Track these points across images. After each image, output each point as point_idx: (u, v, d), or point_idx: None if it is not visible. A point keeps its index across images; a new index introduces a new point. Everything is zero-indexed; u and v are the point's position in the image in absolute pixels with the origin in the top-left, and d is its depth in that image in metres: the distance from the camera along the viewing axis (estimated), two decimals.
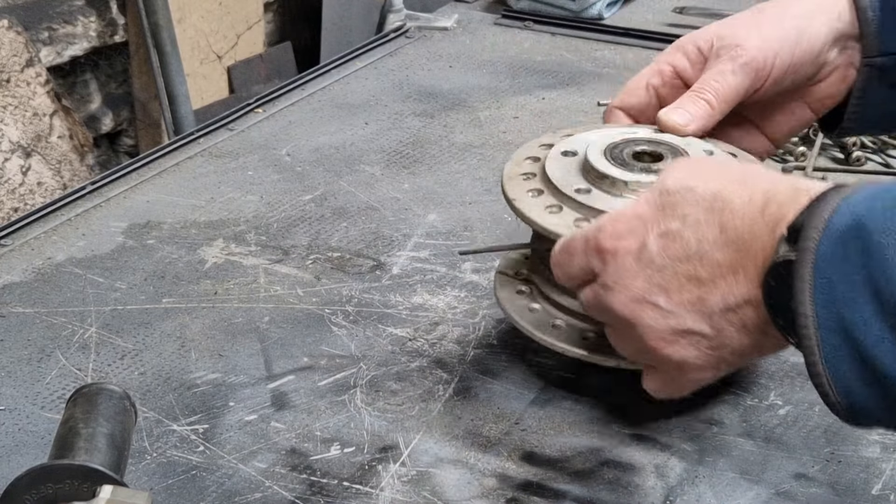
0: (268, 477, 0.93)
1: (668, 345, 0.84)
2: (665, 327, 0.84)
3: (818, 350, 0.74)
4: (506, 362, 1.06)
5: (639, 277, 0.84)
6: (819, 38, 1.03)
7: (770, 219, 0.78)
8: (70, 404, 0.88)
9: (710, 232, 0.81)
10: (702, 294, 0.82)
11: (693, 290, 0.82)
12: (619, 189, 0.96)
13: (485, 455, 0.95)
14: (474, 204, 1.33)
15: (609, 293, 0.86)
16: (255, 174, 1.41)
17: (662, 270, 0.83)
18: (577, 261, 0.89)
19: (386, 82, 1.66)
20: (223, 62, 3.08)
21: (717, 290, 0.81)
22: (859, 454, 0.95)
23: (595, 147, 1.00)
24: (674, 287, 0.82)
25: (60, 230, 1.29)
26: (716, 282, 0.81)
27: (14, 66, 2.48)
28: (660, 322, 0.84)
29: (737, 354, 0.84)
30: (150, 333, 1.11)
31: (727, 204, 0.80)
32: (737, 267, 0.80)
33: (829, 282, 0.73)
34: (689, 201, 0.82)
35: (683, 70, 1.05)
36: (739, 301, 0.80)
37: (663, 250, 0.83)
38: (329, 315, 1.14)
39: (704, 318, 0.82)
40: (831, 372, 0.74)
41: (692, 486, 0.92)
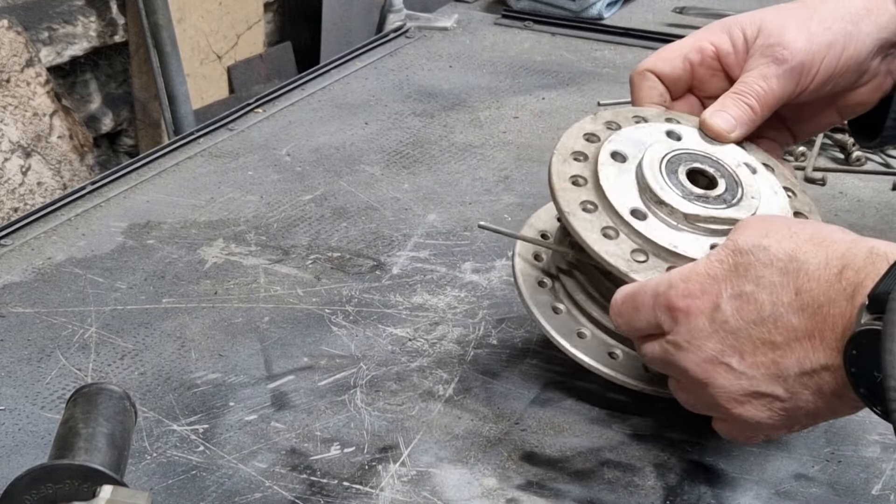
0: (268, 477, 0.93)
1: (740, 405, 0.84)
2: (738, 389, 0.83)
3: None
4: (506, 362, 1.06)
5: (712, 339, 0.83)
6: (866, 46, 1.01)
7: (847, 284, 0.77)
8: (70, 404, 0.88)
9: (786, 295, 0.79)
10: (776, 358, 0.81)
11: (768, 353, 0.81)
12: (677, 219, 0.94)
13: (485, 455, 0.95)
14: (474, 204, 1.33)
15: (681, 352, 0.85)
16: (255, 174, 1.41)
17: (736, 333, 0.82)
18: (644, 315, 0.87)
19: (386, 82, 1.66)
20: (223, 62, 3.08)
21: (793, 354, 0.80)
22: (859, 454, 0.95)
23: (649, 160, 0.97)
24: (748, 349, 0.81)
25: (60, 230, 1.29)
26: (791, 346, 0.80)
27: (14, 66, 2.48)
28: (733, 383, 0.83)
29: (810, 417, 0.83)
30: (150, 333, 1.11)
31: (802, 266, 0.79)
32: (813, 332, 0.79)
33: None
34: (762, 262, 0.81)
35: (726, 54, 1.03)
36: (816, 367, 0.79)
37: (737, 312, 0.81)
38: (329, 315, 1.14)
39: (779, 382, 0.81)
40: None
41: (692, 486, 0.92)
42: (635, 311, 0.88)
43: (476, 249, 1.24)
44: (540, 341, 1.09)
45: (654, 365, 0.89)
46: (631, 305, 0.88)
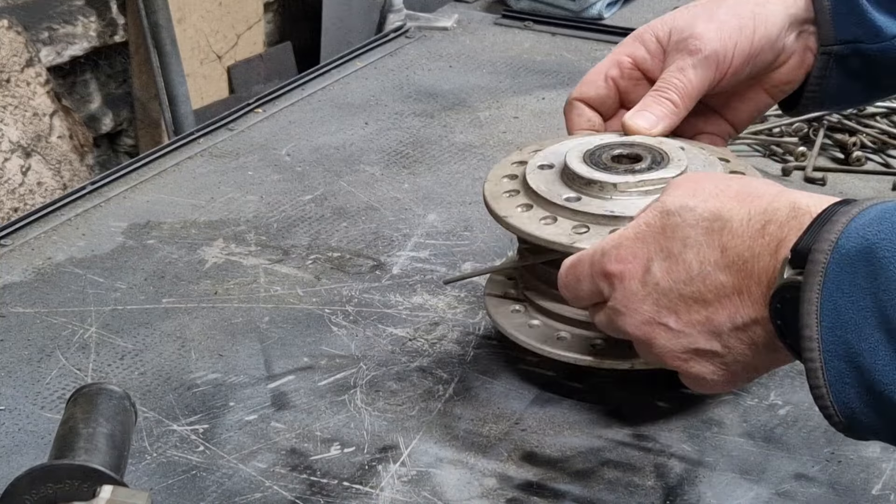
0: (268, 477, 0.93)
1: (684, 362, 0.85)
2: (678, 347, 0.84)
3: (822, 374, 0.74)
4: (506, 362, 1.06)
5: (647, 301, 0.84)
6: (776, 24, 1.03)
7: (771, 239, 0.78)
8: (70, 404, 0.88)
9: (712, 254, 0.81)
10: (709, 314, 0.82)
11: (700, 310, 0.82)
12: (609, 192, 0.97)
13: (485, 455, 0.95)
14: (474, 204, 1.33)
15: (620, 317, 0.87)
16: (255, 174, 1.41)
17: (668, 293, 0.83)
18: (584, 285, 0.89)
19: (386, 82, 1.66)
20: (223, 62, 3.08)
21: (724, 310, 0.81)
22: (859, 454, 0.95)
23: (573, 155, 1.00)
24: (682, 309, 0.83)
25: (60, 230, 1.29)
26: (721, 302, 0.81)
27: (14, 66, 2.48)
28: (673, 342, 0.84)
29: (751, 369, 0.85)
30: (150, 333, 1.11)
31: (726, 224, 0.80)
32: (741, 288, 0.80)
33: (836, 307, 0.72)
34: (688, 222, 0.82)
35: (643, 61, 1.06)
36: (747, 321, 0.81)
37: (667, 273, 0.83)
38: (329, 315, 1.14)
39: (714, 337, 0.83)
40: (834, 395, 0.73)
41: (692, 486, 0.92)
42: (577, 282, 0.90)
43: (476, 249, 1.24)
44: None
45: (607, 332, 0.91)
46: (573, 276, 0.90)
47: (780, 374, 1.04)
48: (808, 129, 1.46)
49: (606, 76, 1.07)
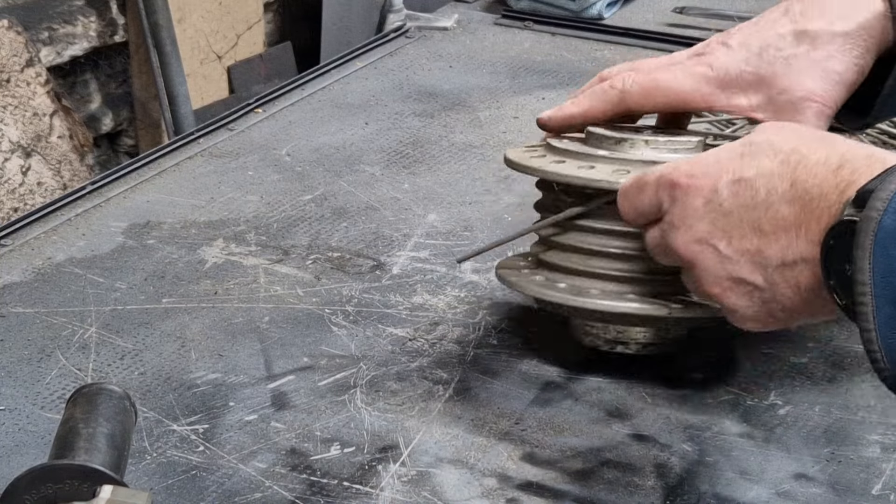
0: (268, 477, 0.93)
1: (723, 291, 0.86)
2: (722, 273, 0.85)
3: (873, 319, 0.74)
4: (506, 362, 1.06)
5: (704, 219, 0.85)
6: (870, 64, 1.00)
7: (841, 181, 0.78)
8: (70, 404, 0.88)
9: (781, 185, 0.81)
10: (761, 245, 0.82)
11: (754, 240, 0.83)
12: (640, 148, 0.98)
13: (485, 455, 0.95)
14: (474, 204, 1.33)
15: (673, 231, 0.87)
16: (255, 174, 1.41)
17: (728, 216, 0.84)
18: (647, 195, 0.89)
19: (386, 82, 1.66)
20: (223, 62, 3.08)
21: (777, 243, 0.81)
22: (859, 454, 0.95)
23: (594, 127, 1.01)
24: (736, 234, 0.83)
25: (60, 230, 1.29)
26: (777, 235, 0.81)
27: (14, 66, 2.48)
28: (717, 267, 0.85)
29: (787, 312, 0.84)
30: (150, 333, 1.11)
31: (803, 159, 0.81)
32: (800, 223, 0.80)
33: (888, 254, 0.73)
34: (766, 153, 0.83)
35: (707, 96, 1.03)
36: (797, 258, 0.81)
37: (733, 196, 0.83)
38: (329, 315, 1.14)
39: (759, 270, 0.83)
40: (883, 342, 0.74)
41: (692, 486, 0.92)
42: (639, 192, 0.90)
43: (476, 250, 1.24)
44: (539, 341, 1.09)
45: (655, 253, 0.91)
46: (636, 186, 0.90)
47: (781, 374, 1.04)
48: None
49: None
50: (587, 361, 1.06)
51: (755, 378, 1.03)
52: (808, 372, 1.04)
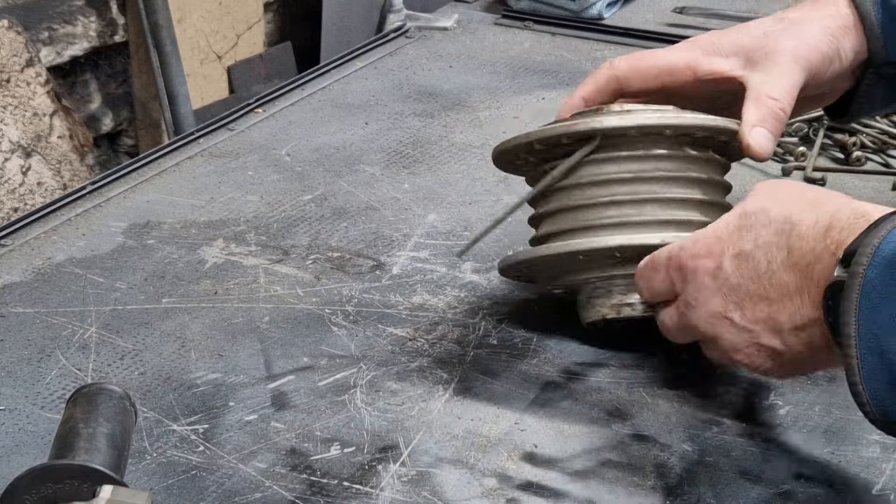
0: (268, 477, 0.93)
1: (747, 357, 0.91)
2: (743, 341, 0.90)
3: (858, 370, 0.79)
4: (506, 362, 1.06)
5: (717, 295, 0.89)
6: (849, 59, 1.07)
7: (831, 242, 0.82)
8: (70, 404, 0.88)
9: (779, 254, 0.86)
10: (772, 312, 0.87)
11: (764, 308, 0.87)
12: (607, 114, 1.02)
13: (485, 455, 0.95)
14: (474, 204, 1.33)
15: (691, 311, 0.92)
16: (255, 174, 1.41)
17: (737, 289, 0.88)
18: (660, 277, 0.95)
19: (386, 82, 1.66)
20: (223, 62, 3.08)
21: (786, 309, 0.86)
22: (859, 454, 0.95)
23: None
24: (747, 305, 0.88)
25: (60, 230, 1.29)
26: (783, 301, 0.86)
27: (14, 66, 2.48)
28: (737, 337, 0.90)
29: (809, 367, 0.91)
30: (150, 333, 1.12)
31: (795, 226, 0.85)
32: (802, 288, 0.85)
33: (873, 306, 0.78)
34: (762, 223, 0.87)
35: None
36: (806, 321, 0.85)
37: (737, 270, 0.88)
38: (329, 315, 1.14)
39: (776, 335, 0.88)
40: (869, 392, 0.79)
41: (692, 486, 0.92)
42: (654, 273, 0.95)
43: (476, 249, 1.24)
44: (539, 341, 1.09)
45: (674, 333, 0.96)
46: (650, 267, 0.96)
47: None
48: (807, 129, 1.46)
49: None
50: (587, 361, 1.06)
51: (755, 378, 1.03)
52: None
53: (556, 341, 1.09)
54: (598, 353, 1.07)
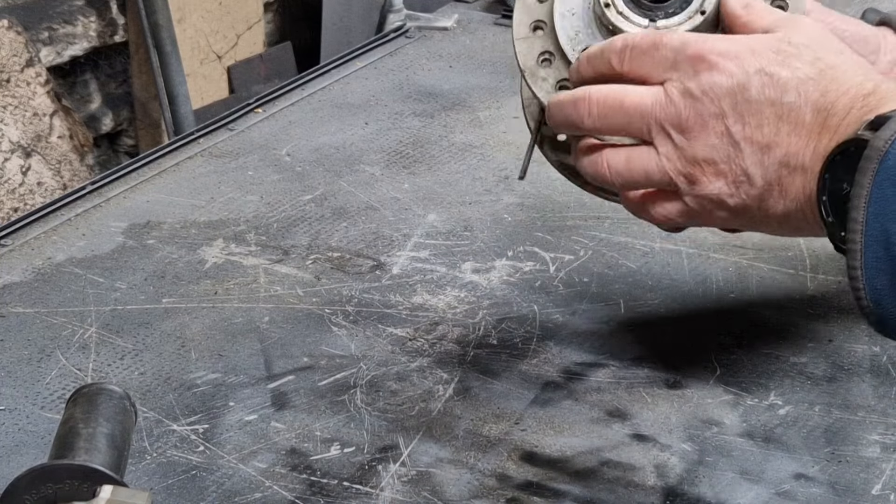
0: (268, 477, 0.93)
1: (716, 174, 0.84)
2: (723, 156, 0.83)
3: (860, 257, 0.75)
4: (506, 362, 1.06)
5: (727, 99, 0.83)
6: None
7: (866, 105, 0.79)
8: (70, 404, 0.88)
9: (813, 93, 0.81)
10: (771, 142, 0.82)
11: (769, 132, 0.82)
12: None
13: (485, 455, 0.95)
14: (474, 204, 1.33)
15: (688, 99, 0.84)
16: (255, 174, 1.41)
17: (750, 103, 0.82)
18: (660, 54, 0.86)
19: (386, 82, 1.66)
20: (223, 62, 3.08)
21: (787, 146, 0.81)
22: (859, 454, 0.95)
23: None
24: (753, 123, 0.82)
25: (60, 230, 1.29)
26: (790, 138, 0.81)
27: (14, 66, 2.48)
28: (721, 148, 0.83)
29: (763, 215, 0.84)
30: (150, 333, 1.12)
31: (840, 76, 0.81)
32: (817, 132, 0.80)
33: (884, 196, 0.74)
34: (806, 58, 0.82)
35: None
36: (798, 164, 0.81)
37: (762, 88, 0.82)
38: (329, 315, 1.14)
39: (760, 166, 0.82)
40: (868, 281, 0.75)
41: (692, 486, 0.92)
42: (652, 49, 0.86)
43: (476, 249, 1.24)
44: (539, 341, 1.09)
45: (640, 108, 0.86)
46: (650, 42, 0.86)
47: (781, 374, 1.04)
48: None
49: None
50: (587, 361, 1.06)
51: (755, 378, 1.03)
52: (808, 372, 1.04)
53: (556, 341, 1.09)
54: (598, 353, 1.07)
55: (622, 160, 0.88)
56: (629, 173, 0.87)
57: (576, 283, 1.17)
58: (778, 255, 1.20)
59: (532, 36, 0.97)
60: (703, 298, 1.15)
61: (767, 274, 1.18)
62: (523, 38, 0.97)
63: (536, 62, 0.96)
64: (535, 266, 1.20)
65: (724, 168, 0.83)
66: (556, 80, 0.94)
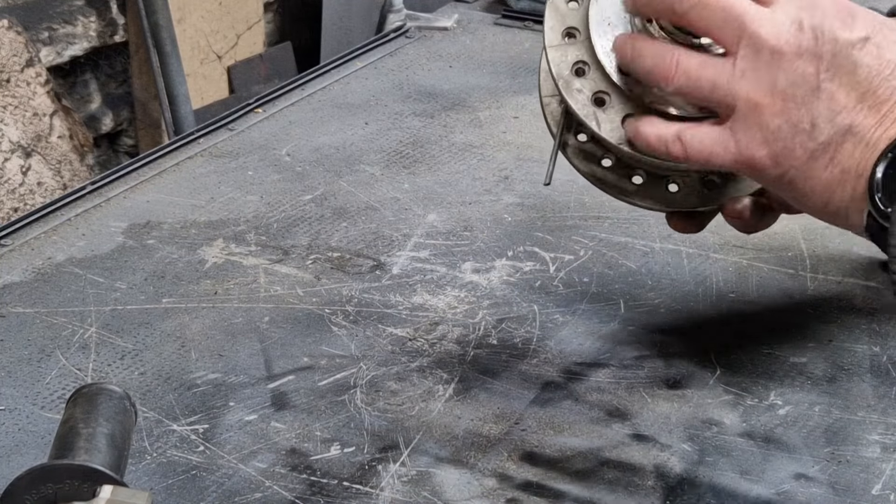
0: (268, 477, 0.93)
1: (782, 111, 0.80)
2: (801, 95, 0.80)
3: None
4: (506, 362, 1.06)
5: (832, 45, 0.80)
6: None
7: None
8: (70, 404, 0.88)
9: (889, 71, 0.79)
10: (848, 106, 0.79)
11: (850, 99, 0.79)
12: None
13: (485, 455, 0.95)
14: (474, 204, 1.33)
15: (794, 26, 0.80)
16: (255, 174, 1.41)
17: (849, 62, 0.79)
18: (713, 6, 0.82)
19: (386, 82, 1.66)
20: (223, 62, 3.08)
21: (861, 117, 0.79)
22: (859, 454, 0.95)
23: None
24: (843, 82, 0.80)
25: (60, 230, 1.29)
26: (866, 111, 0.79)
27: (14, 66, 2.48)
28: (801, 87, 0.80)
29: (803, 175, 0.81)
30: (150, 333, 1.12)
31: None
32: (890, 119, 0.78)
33: None
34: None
35: None
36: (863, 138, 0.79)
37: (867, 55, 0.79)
38: (329, 315, 1.14)
39: (829, 122, 0.79)
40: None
41: (692, 486, 0.92)
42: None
43: (476, 249, 1.24)
44: (539, 341, 1.09)
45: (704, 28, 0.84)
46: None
47: (781, 374, 1.04)
48: None
49: None
50: (587, 361, 1.06)
51: (755, 378, 1.03)
52: (808, 372, 1.04)
53: (556, 341, 1.09)
54: (598, 353, 1.07)
55: (696, 61, 0.83)
56: (697, 75, 0.83)
57: (576, 283, 1.17)
58: (778, 255, 1.20)
59: (565, 44, 0.94)
60: (703, 298, 1.15)
61: (767, 274, 1.18)
62: (556, 45, 0.95)
63: (571, 72, 0.94)
64: (535, 266, 1.20)
65: (792, 106, 0.80)
66: (593, 92, 0.92)
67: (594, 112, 0.93)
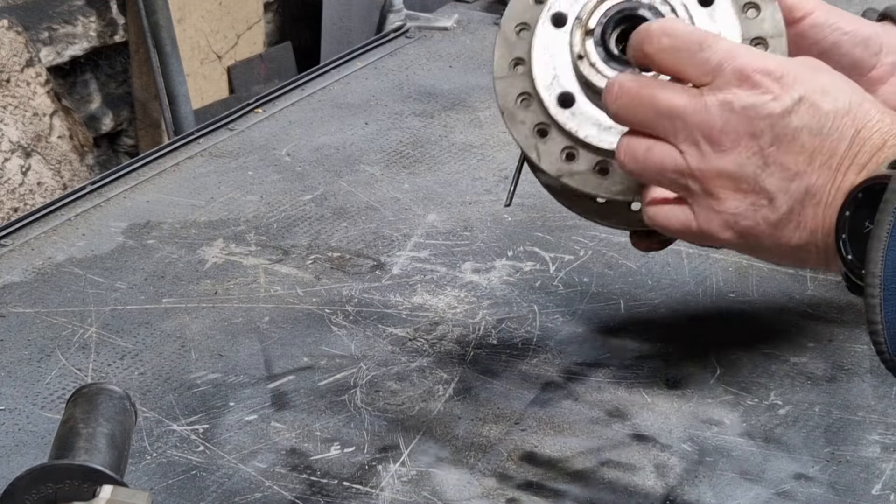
0: (268, 477, 0.93)
1: (737, 191, 0.81)
2: (750, 174, 0.81)
3: (880, 311, 0.74)
4: (506, 362, 1.06)
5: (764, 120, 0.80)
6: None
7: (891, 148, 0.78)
8: (70, 404, 0.88)
9: (851, 128, 0.80)
10: (801, 171, 0.80)
11: (800, 161, 0.80)
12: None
13: (485, 455, 0.95)
14: (474, 204, 1.33)
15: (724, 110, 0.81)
16: (255, 174, 1.41)
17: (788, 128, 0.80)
18: (704, 56, 0.82)
19: (386, 82, 1.66)
20: (223, 62, 3.08)
21: (815, 176, 0.80)
22: (859, 454, 0.95)
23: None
24: (785, 148, 0.80)
25: (60, 230, 1.29)
26: (822, 169, 0.79)
27: (14, 66, 2.48)
28: (749, 167, 0.81)
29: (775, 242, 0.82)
30: (150, 333, 1.12)
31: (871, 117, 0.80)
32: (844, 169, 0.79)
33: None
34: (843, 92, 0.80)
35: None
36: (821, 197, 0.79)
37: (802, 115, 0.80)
38: (329, 315, 1.14)
39: (785, 192, 0.80)
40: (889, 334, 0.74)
41: (692, 486, 0.92)
42: (697, 48, 0.82)
43: (476, 249, 1.24)
44: (539, 341, 1.09)
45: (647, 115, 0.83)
46: (697, 39, 0.82)
47: (781, 374, 1.04)
48: None
49: None
50: (587, 361, 1.06)
51: (755, 378, 1.03)
52: (808, 372, 1.04)
53: (556, 341, 1.09)
54: (598, 353, 1.07)
55: (643, 147, 0.84)
56: (644, 161, 0.84)
57: (576, 283, 1.17)
58: None
59: (512, 74, 0.94)
60: (703, 298, 1.15)
61: (767, 274, 1.18)
62: (502, 77, 0.95)
63: (515, 103, 0.93)
64: (535, 266, 1.20)
65: (746, 187, 0.81)
66: (534, 124, 0.91)
67: (535, 144, 0.92)
